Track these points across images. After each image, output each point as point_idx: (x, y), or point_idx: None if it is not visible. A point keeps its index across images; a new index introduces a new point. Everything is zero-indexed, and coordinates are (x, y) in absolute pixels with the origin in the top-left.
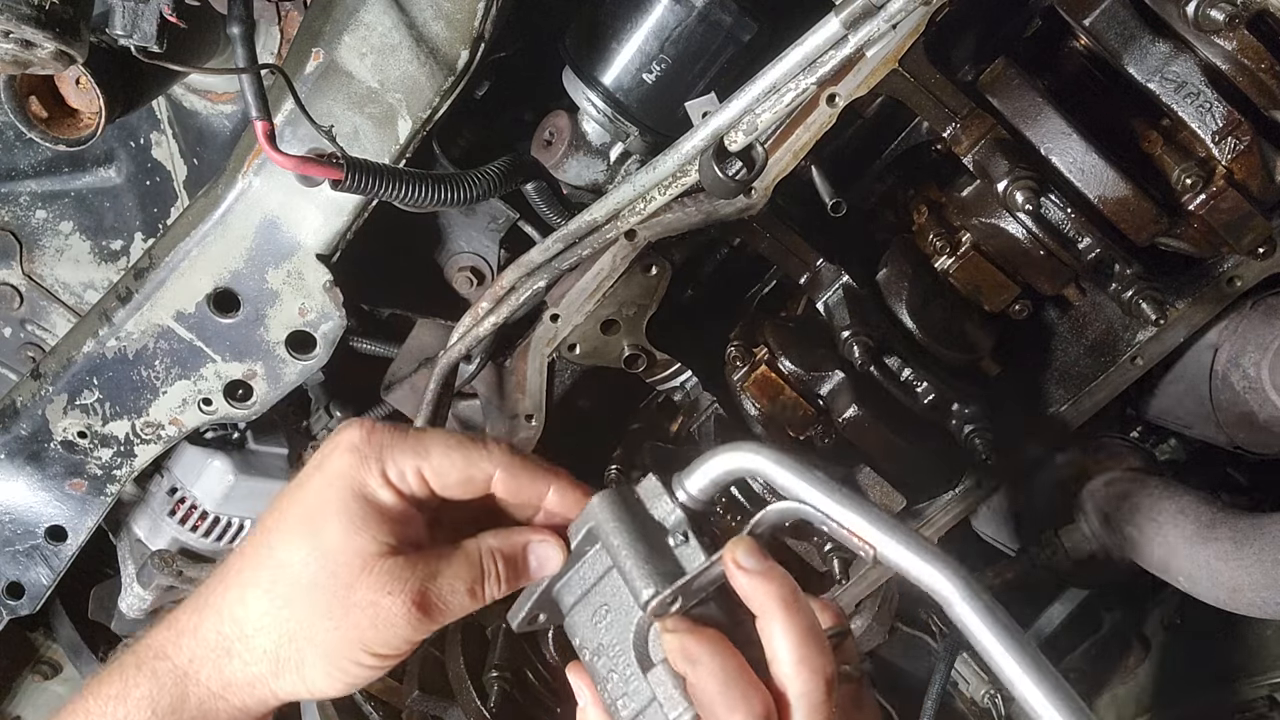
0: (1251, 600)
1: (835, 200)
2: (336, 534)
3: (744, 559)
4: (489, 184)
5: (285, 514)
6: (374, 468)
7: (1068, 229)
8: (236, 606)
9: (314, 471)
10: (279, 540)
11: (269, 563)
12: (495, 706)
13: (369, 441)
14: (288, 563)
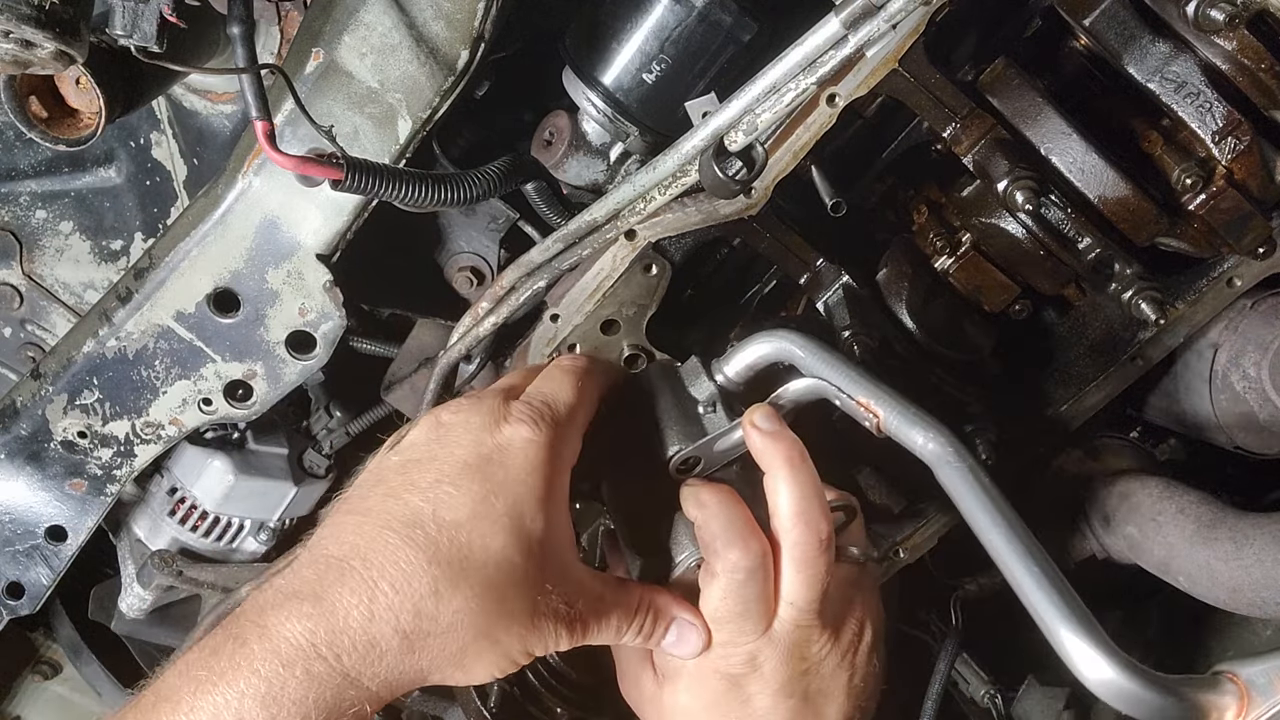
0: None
1: (835, 200)
2: (540, 529)
3: (760, 420)
4: (489, 184)
5: (480, 504)
6: (562, 455)
7: (1068, 229)
8: (427, 599)
9: (493, 466)
10: (477, 531)
11: (469, 555)
12: (495, 706)
13: (548, 433)
14: (488, 556)
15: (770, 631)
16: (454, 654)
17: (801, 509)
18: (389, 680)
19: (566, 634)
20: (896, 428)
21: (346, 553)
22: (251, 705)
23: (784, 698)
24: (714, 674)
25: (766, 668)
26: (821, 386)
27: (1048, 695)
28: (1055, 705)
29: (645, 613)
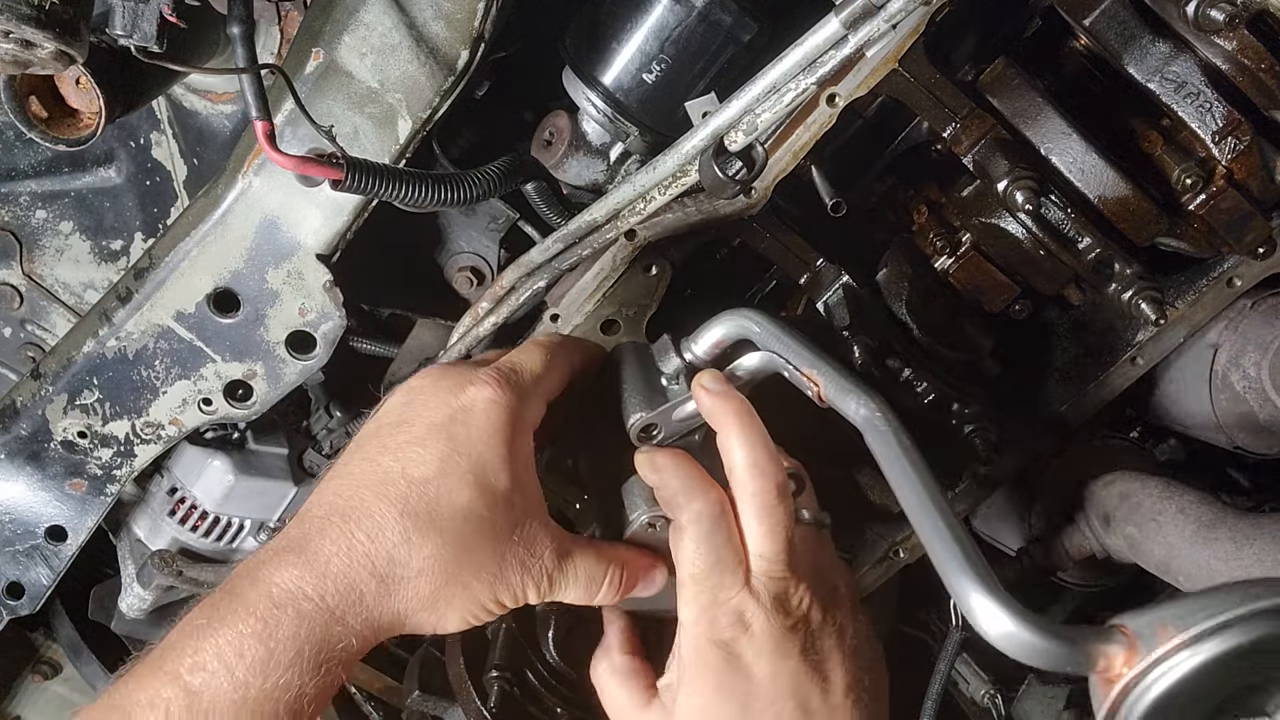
0: None
1: (835, 200)
2: (504, 484)
3: (708, 382)
4: (489, 184)
5: (445, 461)
6: (523, 416)
7: (1068, 229)
8: (399, 547)
9: (457, 425)
10: (444, 486)
11: (436, 508)
12: (495, 706)
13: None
14: (454, 509)
15: (749, 585)
16: (427, 597)
17: (754, 459)
18: (370, 620)
19: (534, 587)
20: (833, 396)
21: (327, 511)
22: (251, 642)
23: (781, 659)
24: (709, 646)
25: (755, 625)
26: (772, 359)
27: (1048, 695)
28: (1055, 705)
29: (614, 566)
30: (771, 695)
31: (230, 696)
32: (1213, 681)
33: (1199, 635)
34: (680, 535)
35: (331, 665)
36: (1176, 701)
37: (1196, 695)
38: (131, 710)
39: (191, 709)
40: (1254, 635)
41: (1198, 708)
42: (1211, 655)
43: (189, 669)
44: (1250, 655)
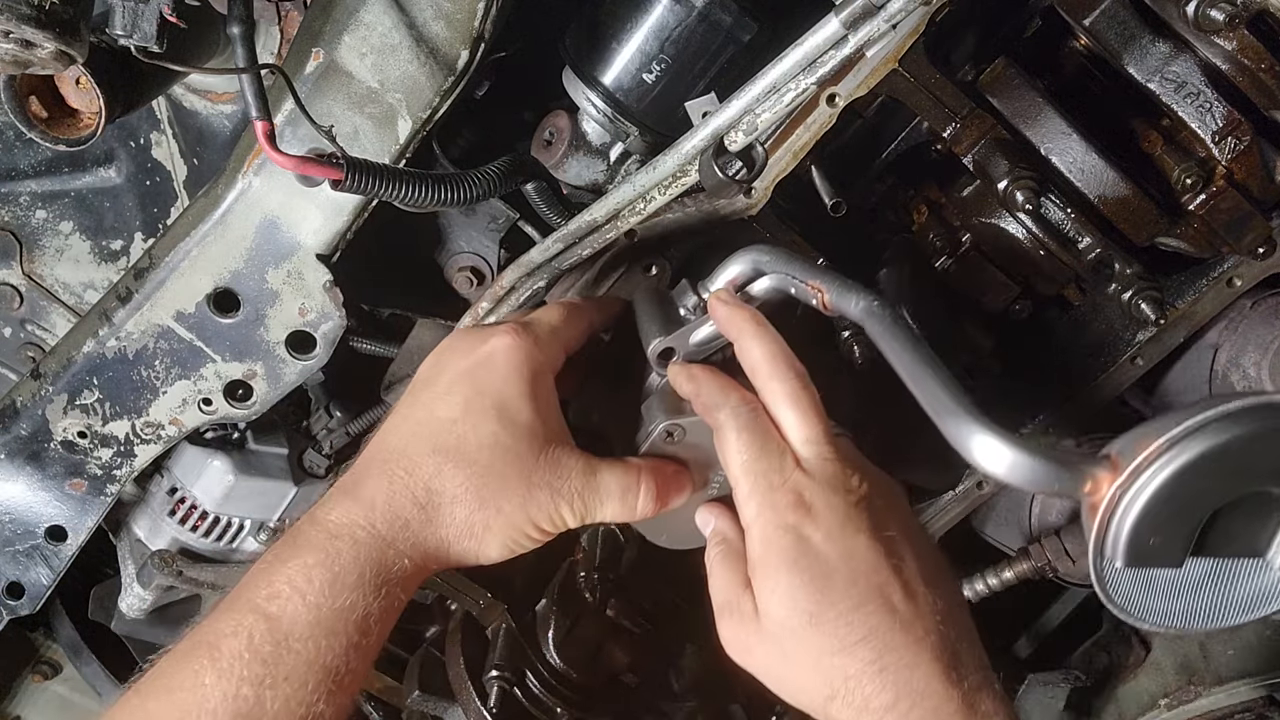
0: None
1: (835, 200)
2: (527, 416)
3: (722, 294)
4: (489, 184)
5: (469, 401)
6: (540, 358)
7: (1068, 229)
8: (434, 478)
9: (479, 370)
10: (469, 423)
11: (464, 441)
12: (495, 707)
13: (525, 340)
14: (480, 441)
15: (801, 466)
16: (464, 524)
17: (772, 352)
18: (417, 545)
19: (567, 507)
20: (836, 300)
21: (369, 460)
22: (317, 570)
23: (852, 535)
24: (776, 532)
25: (817, 503)
26: (780, 279)
27: (1048, 695)
28: (1055, 705)
29: (644, 474)
30: (848, 575)
31: (305, 618)
32: (1193, 490)
33: (1173, 440)
34: (723, 432)
35: (391, 587)
36: (1160, 513)
37: (1179, 506)
38: (217, 642)
39: (272, 631)
40: (1226, 436)
41: (1183, 521)
42: (1187, 459)
43: (265, 598)
44: (1225, 458)
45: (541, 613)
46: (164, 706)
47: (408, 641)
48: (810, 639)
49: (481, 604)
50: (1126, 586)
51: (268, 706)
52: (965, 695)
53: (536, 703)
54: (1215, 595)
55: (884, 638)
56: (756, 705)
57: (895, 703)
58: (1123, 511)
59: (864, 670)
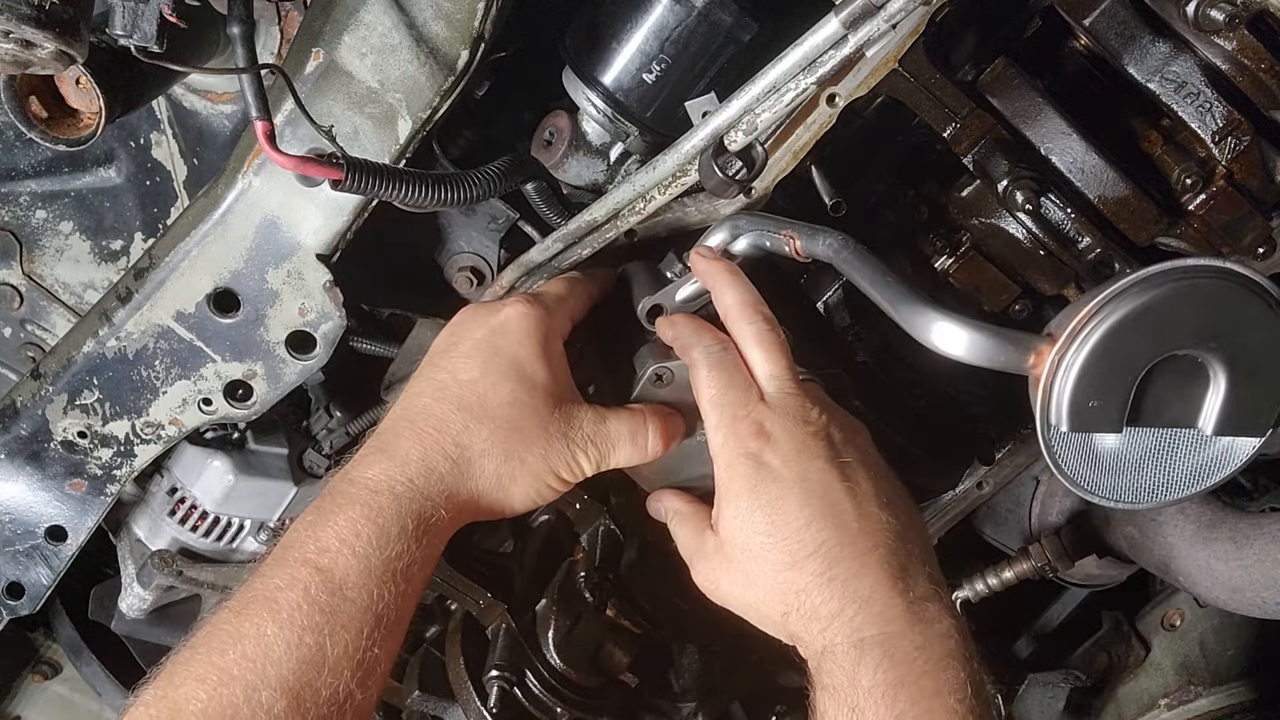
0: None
1: (835, 200)
2: (542, 375)
3: (702, 250)
4: (489, 184)
5: (488, 363)
6: (550, 323)
7: (1068, 229)
8: (462, 434)
9: (496, 336)
10: (489, 383)
11: (485, 400)
12: (495, 707)
13: (536, 307)
14: (500, 399)
15: (765, 399)
16: (492, 476)
17: (743, 298)
18: (451, 496)
19: (583, 455)
20: (806, 244)
21: (397, 421)
22: (363, 523)
23: (808, 460)
24: (737, 458)
25: (776, 431)
26: (756, 236)
27: (1048, 695)
28: (1055, 705)
29: (650, 417)
30: (802, 496)
31: (356, 568)
32: (1124, 350)
33: (1100, 303)
34: (695, 369)
35: (430, 536)
36: (1096, 374)
37: (1113, 368)
38: (274, 595)
39: (327, 583)
40: (1147, 295)
41: (1118, 384)
42: (1115, 319)
43: (315, 552)
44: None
45: (541, 613)
46: (230, 659)
47: (408, 641)
48: (767, 555)
49: (481, 604)
50: (1076, 460)
51: (328, 653)
52: (911, 603)
53: (536, 703)
54: (1158, 470)
55: (832, 551)
56: (756, 705)
57: (841, 609)
58: (1062, 375)
59: (813, 582)
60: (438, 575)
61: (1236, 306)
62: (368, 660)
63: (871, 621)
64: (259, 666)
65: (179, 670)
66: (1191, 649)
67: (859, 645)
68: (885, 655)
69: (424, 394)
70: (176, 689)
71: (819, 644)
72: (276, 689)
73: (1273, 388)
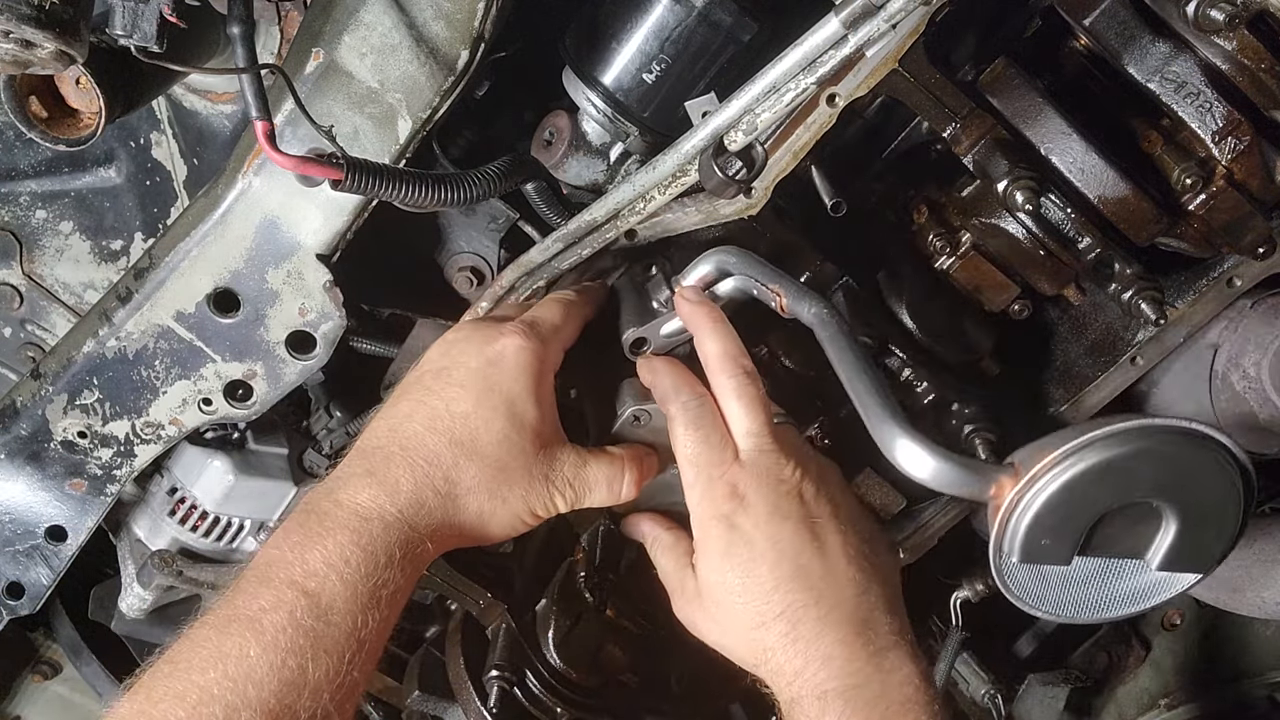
0: (1252, 600)
1: (835, 200)
2: (532, 415)
3: (688, 292)
4: (489, 184)
5: (481, 398)
6: (545, 359)
7: (1068, 229)
8: (452, 470)
9: (491, 369)
10: (481, 418)
11: (477, 436)
12: (495, 707)
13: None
14: (491, 437)
15: (740, 460)
16: (475, 511)
17: (725, 349)
18: (436, 529)
19: (559, 495)
20: (791, 304)
21: (386, 444)
22: (352, 550)
23: (779, 521)
24: (711, 521)
25: (750, 495)
26: (744, 281)
27: (1048, 695)
28: (1055, 705)
29: (626, 462)
30: (773, 559)
31: (343, 594)
32: (1083, 496)
33: (1066, 453)
34: (673, 424)
35: (414, 566)
36: (1052, 516)
37: (1070, 511)
38: (258, 616)
39: (313, 608)
40: (1111, 452)
41: (1073, 524)
42: (1077, 470)
43: (302, 575)
44: (1110, 471)
45: (541, 613)
46: (211, 678)
47: (408, 641)
48: (738, 614)
49: (481, 604)
50: (1023, 579)
51: (310, 676)
52: (872, 655)
53: (536, 703)
54: (1101, 590)
55: (798, 613)
56: (756, 705)
57: (805, 667)
58: (1019, 514)
59: (779, 642)
60: (438, 575)
61: (1195, 463)
62: (347, 683)
63: (834, 676)
64: (240, 687)
65: (157, 686)
66: (1192, 649)
67: (822, 697)
68: (847, 705)
69: (415, 418)
70: (155, 705)
71: (786, 695)
72: (257, 710)
73: (1220, 533)
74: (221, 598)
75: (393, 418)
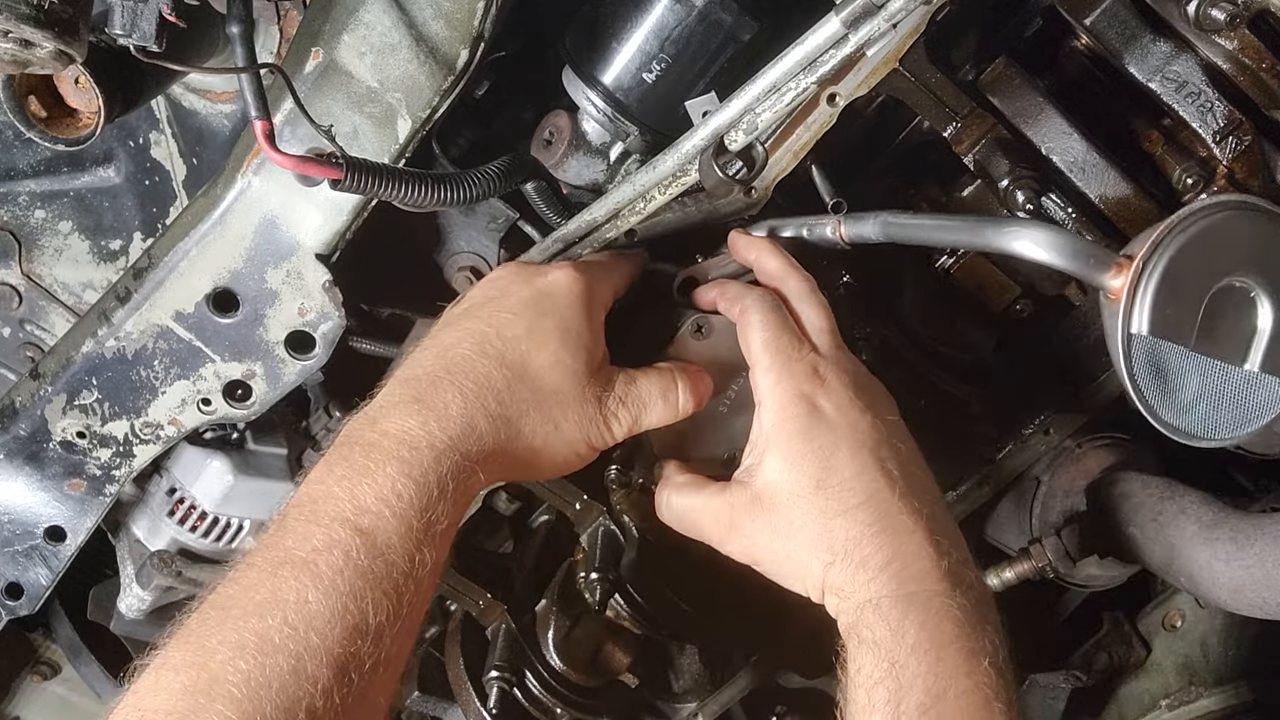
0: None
1: (835, 200)
2: (587, 340)
3: (740, 230)
4: (489, 184)
5: (533, 323)
6: (597, 292)
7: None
8: (505, 392)
9: (543, 297)
10: (534, 341)
11: (529, 359)
12: (495, 707)
13: (585, 275)
14: (543, 360)
15: (818, 349)
16: (528, 438)
17: (789, 264)
18: (488, 457)
19: (616, 422)
20: (852, 230)
21: (432, 370)
22: (403, 481)
23: (858, 412)
24: (792, 399)
25: (830, 378)
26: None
27: (1048, 695)
28: (1055, 705)
29: (678, 375)
30: (853, 444)
31: (398, 530)
32: (1194, 267)
33: (1175, 222)
34: (747, 315)
35: (466, 498)
36: (1173, 283)
37: (1186, 281)
38: (313, 558)
39: (370, 547)
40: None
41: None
42: (1188, 235)
43: (354, 513)
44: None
45: (541, 613)
46: (271, 625)
47: None
48: (815, 502)
49: (481, 604)
50: (1146, 377)
51: (371, 621)
52: (952, 565)
53: (536, 703)
54: (1213, 405)
55: (883, 503)
56: (757, 705)
57: (890, 560)
58: (1145, 282)
59: (864, 532)
60: None
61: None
62: (405, 627)
63: (918, 577)
64: (303, 635)
65: (210, 634)
66: (1192, 649)
67: (906, 599)
68: (930, 613)
69: (462, 344)
70: (211, 656)
71: (863, 595)
72: (322, 660)
73: None
74: (263, 538)
75: (438, 345)
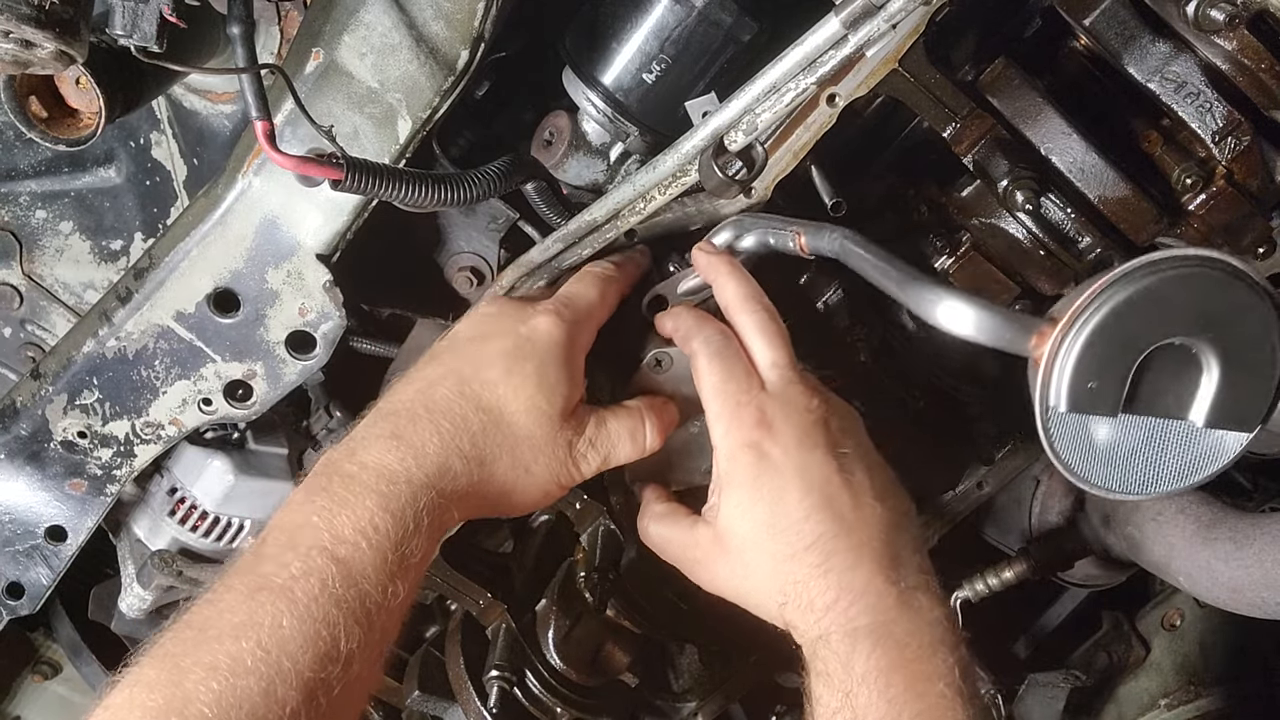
0: (1252, 600)
1: (835, 200)
2: (562, 388)
3: (705, 245)
4: (489, 184)
5: (511, 369)
6: (579, 340)
7: (1068, 229)
8: (479, 435)
9: (525, 344)
10: (511, 387)
11: (505, 404)
12: (495, 707)
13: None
14: (519, 406)
15: (766, 389)
16: (500, 480)
17: (745, 291)
18: (460, 495)
19: (585, 463)
20: (811, 241)
21: (412, 406)
22: (380, 515)
23: (807, 449)
24: (739, 449)
25: (778, 422)
26: (761, 234)
27: (1048, 695)
28: (1055, 705)
29: (645, 413)
30: (802, 488)
31: (374, 561)
32: (1122, 334)
33: (1102, 287)
34: (696, 358)
35: (438, 531)
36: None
37: (1112, 351)
38: (289, 585)
39: (346, 576)
40: (1146, 281)
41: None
42: (1116, 302)
43: (332, 542)
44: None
45: (541, 613)
46: (245, 648)
47: (408, 641)
48: (766, 546)
49: (481, 604)
50: (1071, 445)
51: (342, 648)
52: (902, 593)
53: (536, 703)
54: (1149, 462)
55: (829, 543)
56: (757, 705)
57: (836, 600)
58: (1063, 355)
59: (810, 574)
60: (437, 575)
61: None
62: (375, 653)
63: (865, 611)
64: (275, 659)
65: (185, 654)
66: (1191, 649)
67: (852, 634)
68: (877, 643)
69: (444, 382)
70: (185, 675)
71: (814, 632)
72: (293, 684)
73: (1262, 383)
74: (240, 562)
75: (419, 381)
